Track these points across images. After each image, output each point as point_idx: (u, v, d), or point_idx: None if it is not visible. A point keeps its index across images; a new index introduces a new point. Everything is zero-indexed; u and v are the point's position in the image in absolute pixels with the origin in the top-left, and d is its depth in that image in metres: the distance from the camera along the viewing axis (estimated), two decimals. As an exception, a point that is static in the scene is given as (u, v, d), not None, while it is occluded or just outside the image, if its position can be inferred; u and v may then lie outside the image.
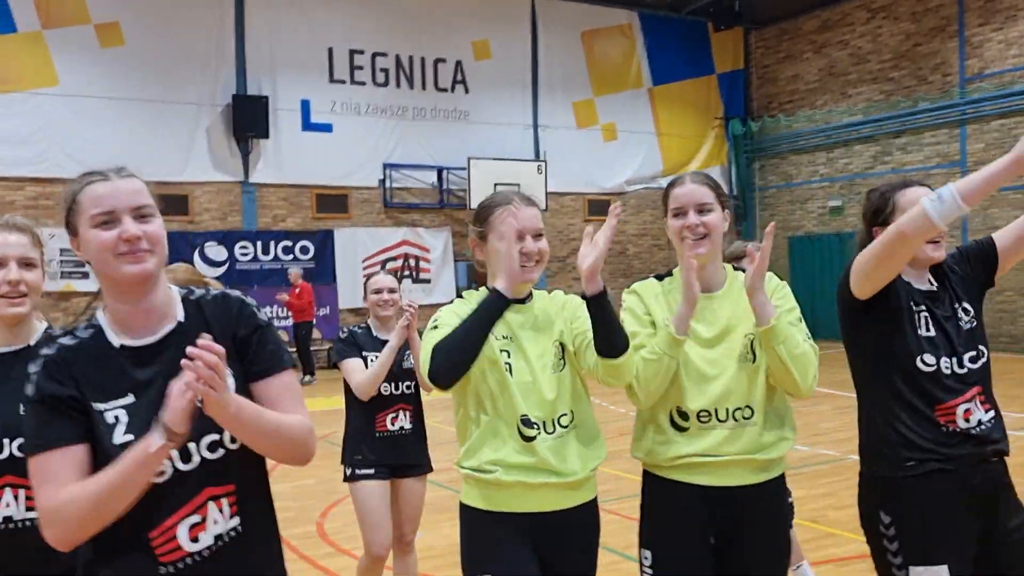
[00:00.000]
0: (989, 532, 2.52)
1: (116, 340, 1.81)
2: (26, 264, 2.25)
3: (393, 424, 3.89)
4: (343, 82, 16.48)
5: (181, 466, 1.76)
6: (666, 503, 2.53)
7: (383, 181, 16.64)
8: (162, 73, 14.81)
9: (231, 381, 1.75)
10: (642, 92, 19.42)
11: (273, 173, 15.80)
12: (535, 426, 2.38)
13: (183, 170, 15.03)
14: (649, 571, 2.52)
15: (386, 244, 16.70)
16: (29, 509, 2.12)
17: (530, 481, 2.38)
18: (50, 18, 14.11)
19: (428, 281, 17.04)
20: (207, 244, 15.13)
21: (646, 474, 2.60)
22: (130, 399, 1.76)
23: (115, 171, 1.87)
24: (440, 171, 17.13)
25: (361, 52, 16.66)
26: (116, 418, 1.74)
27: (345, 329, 4.06)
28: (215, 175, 15.36)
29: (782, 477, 2.62)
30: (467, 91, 17.65)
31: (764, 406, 2.53)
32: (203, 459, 1.77)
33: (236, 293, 1.95)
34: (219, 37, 15.37)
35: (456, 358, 2.31)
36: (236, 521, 1.82)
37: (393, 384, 3.87)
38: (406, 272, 16.78)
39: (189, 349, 1.60)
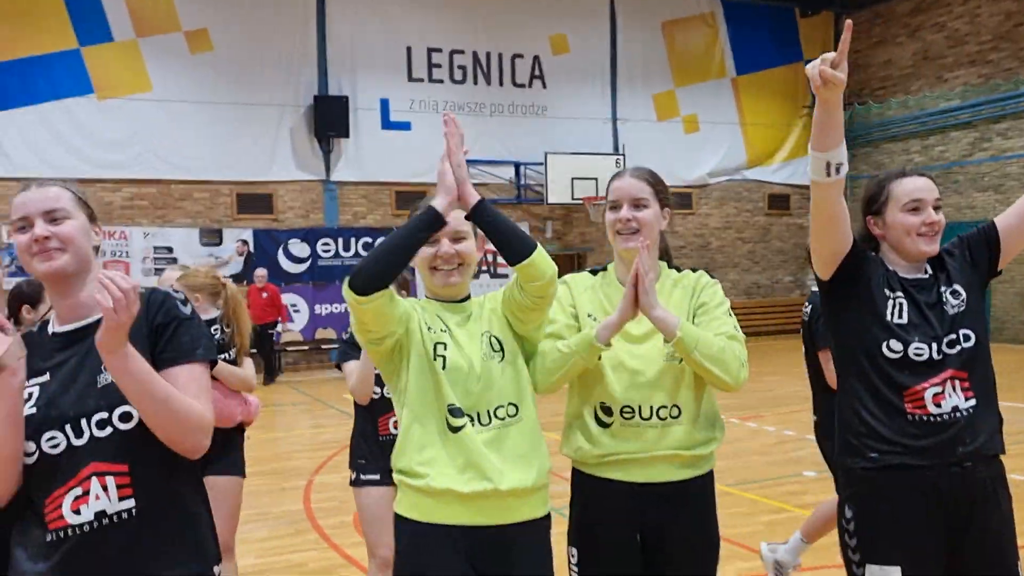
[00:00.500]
0: (959, 542, 2.41)
1: (51, 328, 2.00)
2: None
3: (396, 428, 3.89)
4: (421, 80, 16.74)
5: (74, 441, 1.87)
6: (592, 500, 2.51)
7: (461, 177, 16.81)
8: (248, 76, 15.38)
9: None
10: (725, 82, 19.02)
11: (353, 171, 16.20)
12: (462, 415, 2.28)
13: (268, 170, 15.59)
14: (575, 569, 2.50)
15: (464, 239, 16.89)
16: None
17: (462, 490, 2.22)
18: (144, 27, 14.84)
19: (505, 276, 17.10)
20: (291, 241, 15.64)
21: (574, 471, 2.58)
22: (46, 378, 1.93)
23: (38, 182, 2.01)
24: (517, 166, 17.20)
25: (439, 50, 16.88)
26: (30, 394, 1.91)
27: (349, 330, 3.85)
28: (298, 174, 15.85)
29: (710, 475, 2.58)
30: (544, 86, 17.66)
31: (692, 405, 2.50)
32: (92, 435, 1.86)
33: (166, 290, 2.06)
34: (302, 40, 15.85)
35: (377, 266, 2.21)
36: (128, 504, 1.87)
37: None
38: (483, 267, 16.93)
39: (101, 272, 1.77)
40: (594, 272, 2.66)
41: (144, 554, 1.88)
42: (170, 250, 14.99)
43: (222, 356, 4.03)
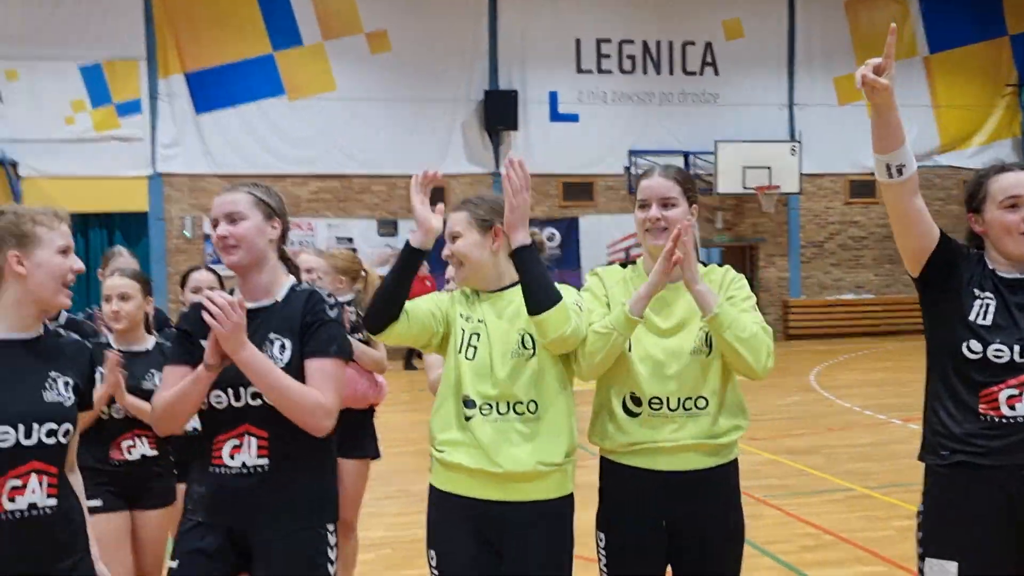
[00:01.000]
0: None
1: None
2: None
3: None
4: (590, 72, 16.85)
5: (234, 403, 2.37)
6: (619, 487, 2.59)
7: (628, 168, 16.80)
8: (423, 74, 16.10)
9: (284, 352, 2.36)
10: (916, 61, 17.82)
11: (522, 163, 16.57)
12: (473, 405, 2.50)
13: (441, 163, 16.21)
14: (603, 553, 2.59)
15: (630, 231, 16.82)
16: (50, 496, 2.16)
17: (469, 465, 2.46)
18: (329, 30, 15.89)
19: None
20: (461, 231, 16.25)
21: (602, 459, 2.66)
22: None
23: (230, 189, 2.48)
24: (687, 156, 16.94)
25: (608, 41, 16.92)
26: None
27: None
28: (469, 167, 16.42)
29: (734, 463, 2.62)
30: (716, 73, 17.28)
31: (718, 396, 2.56)
32: (247, 403, 2.36)
33: (324, 292, 2.49)
34: (474, 37, 16.39)
35: (379, 306, 2.53)
36: (263, 461, 2.36)
37: None
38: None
39: (205, 292, 2.16)
40: (623, 266, 2.73)
41: (270, 502, 2.35)
42: (350, 240, 15.97)
43: (356, 336, 4.35)
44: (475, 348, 2.53)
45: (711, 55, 17.28)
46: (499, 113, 16.17)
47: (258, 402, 2.33)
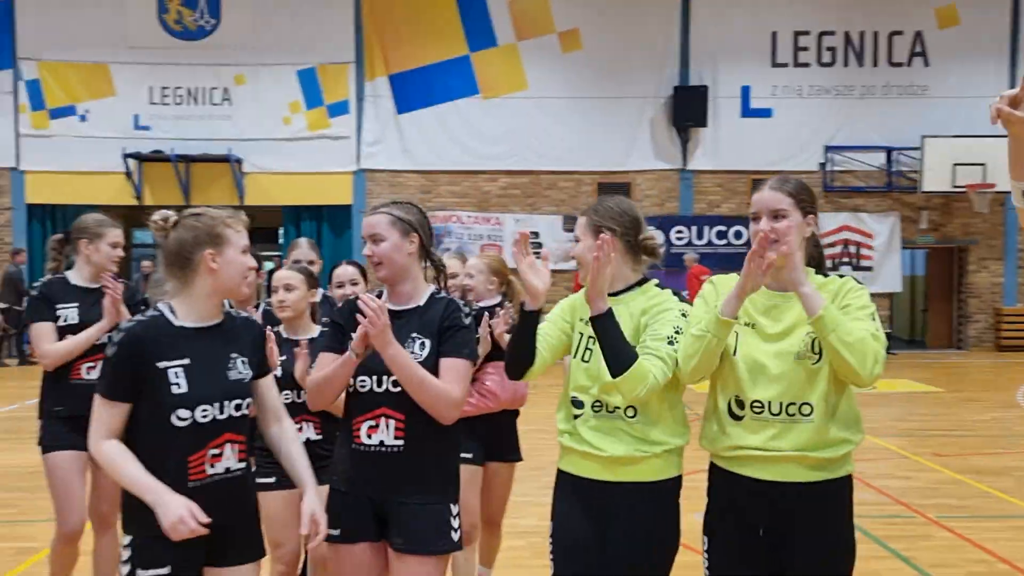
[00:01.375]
0: None
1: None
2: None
3: None
4: (785, 65, 16.33)
5: (375, 388, 2.70)
6: (722, 492, 2.65)
7: (823, 164, 16.16)
8: (613, 71, 16.23)
9: (423, 350, 2.70)
10: None
11: (710, 160, 16.35)
12: (581, 406, 2.75)
13: (626, 160, 16.35)
14: (705, 556, 2.66)
15: (824, 229, 16.17)
16: (240, 460, 2.54)
17: (576, 448, 2.75)
18: (522, 31, 16.36)
19: (870, 269, 16.14)
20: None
21: (711, 464, 2.73)
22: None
23: (372, 211, 2.83)
24: (889, 152, 16.07)
25: (806, 33, 16.32)
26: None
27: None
28: (655, 163, 16.40)
29: (844, 480, 2.58)
30: (926, 63, 16.24)
31: (825, 404, 2.52)
32: (388, 388, 2.69)
33: (459, 303, 2.83)
34: (665, 34, 16.32)
35: (512, 361, 2.84)
36: (399, 442, 2.69)
37: None
38: (844, 259, 16.11)
39: (361, 296, 2.63)
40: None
41: (403, 477, 2.69)
42: (536, 235, 16.41)
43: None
44: (590, 351, 2.71)
45: (921, 44, 16.25)
46: (688, 109, 16.03)
47: (397, 389, 2.65)
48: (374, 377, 2.68)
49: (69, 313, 3.73)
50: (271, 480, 3.35)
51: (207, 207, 2.65)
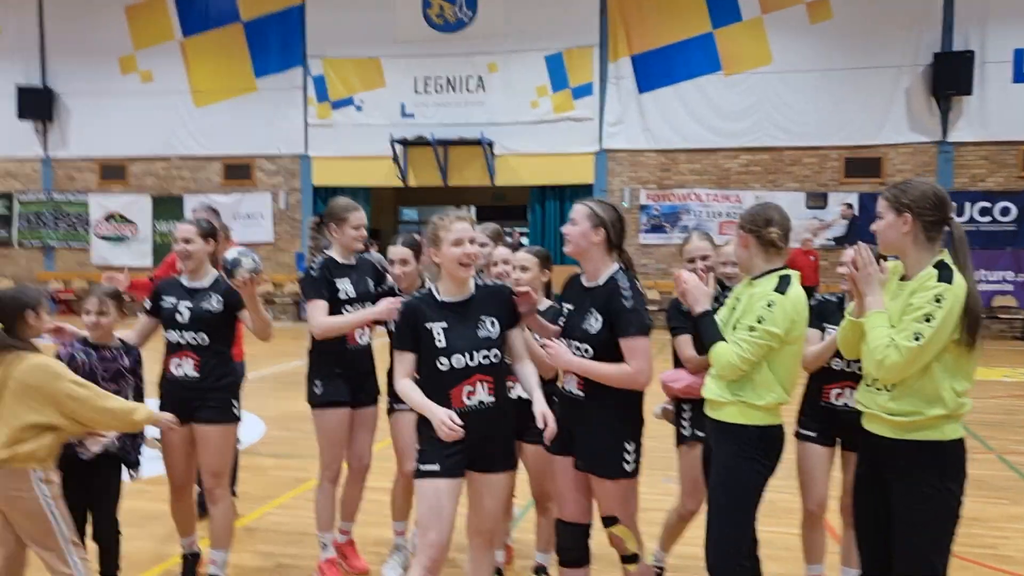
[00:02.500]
0: None
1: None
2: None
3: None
4: (1068, 24, 14.72)
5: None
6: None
7: (1113, 133, 14.44)
8: (865, 41, 15.51)
9: (597, 323, 3.27)
10: None
11: (974, 131, 15.18)
12: None
13: (878, 133, 15.59)
14: None
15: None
16: (489, 394, 3.24)
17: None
18: (768, 3, 16.05)
19: None
20: (898, 205, 15.43)
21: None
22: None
23: (579, 200, 3.50)
24: None
25: (1096, -15, 14.59)
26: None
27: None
28: (911, 136, 15.50)
29: (926, 444, 2.88)
30: None
31: (908, 381, 2.88)
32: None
33: (625, 284, 3.32)
34: (926, -4, 15.31)
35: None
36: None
37: None
38: None
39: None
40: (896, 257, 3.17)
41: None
42: (778, 212, 16.13)
43: None
44: None
45: None
46: (950, 77, 14.97)
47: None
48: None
49: (346, 287, 4.15)
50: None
51: (436, 215, 3.37)
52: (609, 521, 3.41)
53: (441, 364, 3.21)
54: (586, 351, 3.29)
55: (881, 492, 2.98)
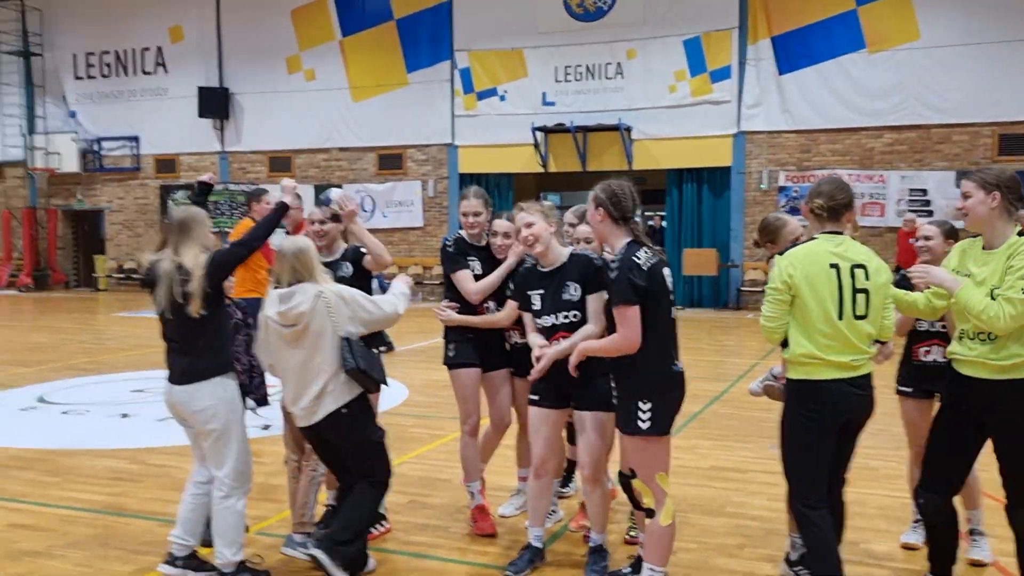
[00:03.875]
0: None
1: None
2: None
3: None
4: None
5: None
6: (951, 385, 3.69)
7: None
8: (1020, 11, 14.83)
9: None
10: None
11: None
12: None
13: (1034, 108, 14.91)
14: None
15: None
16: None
17: None
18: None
19: None
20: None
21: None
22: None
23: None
24: None
25: None
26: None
27: None
28: (1072, 111, 14.73)
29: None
30: None
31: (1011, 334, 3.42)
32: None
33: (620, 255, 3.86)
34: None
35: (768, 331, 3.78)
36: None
37: None
38: None
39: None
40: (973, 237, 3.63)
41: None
42: (924, 192, 15.73)
43: None
44: None
45: None
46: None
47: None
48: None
49: (476, 265, 4.58)
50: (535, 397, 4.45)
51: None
52: (628, 475, 3.64)
53: (539, 322, 4.02)
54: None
55: (966, 426, 3.52)
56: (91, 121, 22.15)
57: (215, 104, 20.61)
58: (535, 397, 4.10)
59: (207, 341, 3.90)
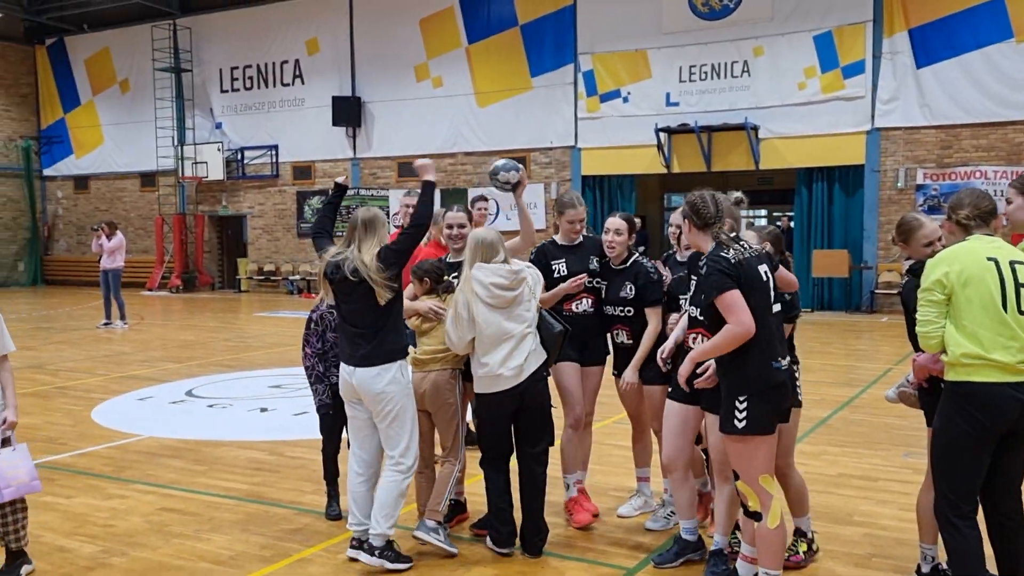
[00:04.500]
0: None
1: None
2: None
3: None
4: None
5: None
6: None
7: None
8: None
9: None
10: None
11: None
12: None
13: None
14: None
15: None
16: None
17: None
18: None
19: None
20: None
21: None
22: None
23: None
24: None
25: None
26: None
27: None
28: None
29: None
30: None
31: None
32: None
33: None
34: None
35: None
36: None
37: None
38: None
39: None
40: None
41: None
42: (1080, 188, 14.68)
43: None
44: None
45: None
46: None
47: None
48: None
49: (559, 267, 4.85)
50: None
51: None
52: (734, 476, 3.68)
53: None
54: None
55: None
56: (235, 131, 23.46)
57: (348, 112, 21.43)
58: (670, 391, 4.24)
59: (389, 327, 4.28)
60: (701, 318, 3.86)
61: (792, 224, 18.38)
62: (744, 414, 3.51)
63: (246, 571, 4.31)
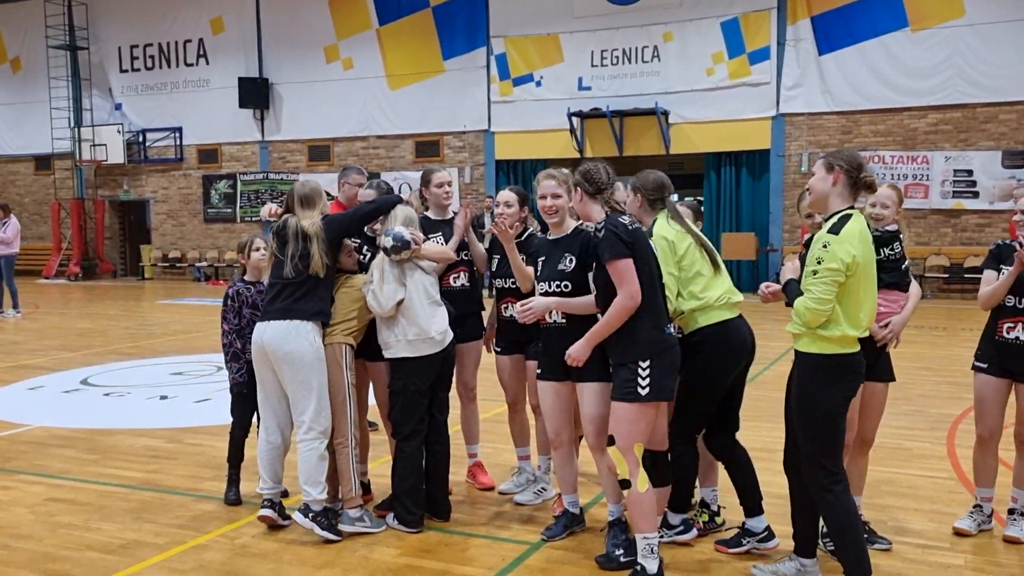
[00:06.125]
0: None
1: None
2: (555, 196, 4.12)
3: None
4: None
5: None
6: None
7: None
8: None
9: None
10: None
11: None
12: None
13: (1086, 84, 14.46)
14: None
15: None
16: (563, 317, 4.10)
17: None
18: (961, -47, 15.19)
19: None
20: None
21: None
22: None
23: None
24: None
25: None
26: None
27: None
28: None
29: None
30: None
31: None
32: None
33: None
34: None
35: None
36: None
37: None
38: None
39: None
40: None
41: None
42: (969, 173, 15.39)
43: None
44: None
45: None
46: None
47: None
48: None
49: (439, 239, 4.90)
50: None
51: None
52: (608, 441, 3.71)
53: (539, 286, 4.11)
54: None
55: None
56: (136, 113, 22.58)
57: (255, 94, 20.85)
58: (540, 371, 4.17)
59: (315, 291, 4.31)
60: (554, 288, 3.98)
61: (702, 208, 18.69)
62: (648, 380, 3.56)
63: (137, 559, 4.13)
